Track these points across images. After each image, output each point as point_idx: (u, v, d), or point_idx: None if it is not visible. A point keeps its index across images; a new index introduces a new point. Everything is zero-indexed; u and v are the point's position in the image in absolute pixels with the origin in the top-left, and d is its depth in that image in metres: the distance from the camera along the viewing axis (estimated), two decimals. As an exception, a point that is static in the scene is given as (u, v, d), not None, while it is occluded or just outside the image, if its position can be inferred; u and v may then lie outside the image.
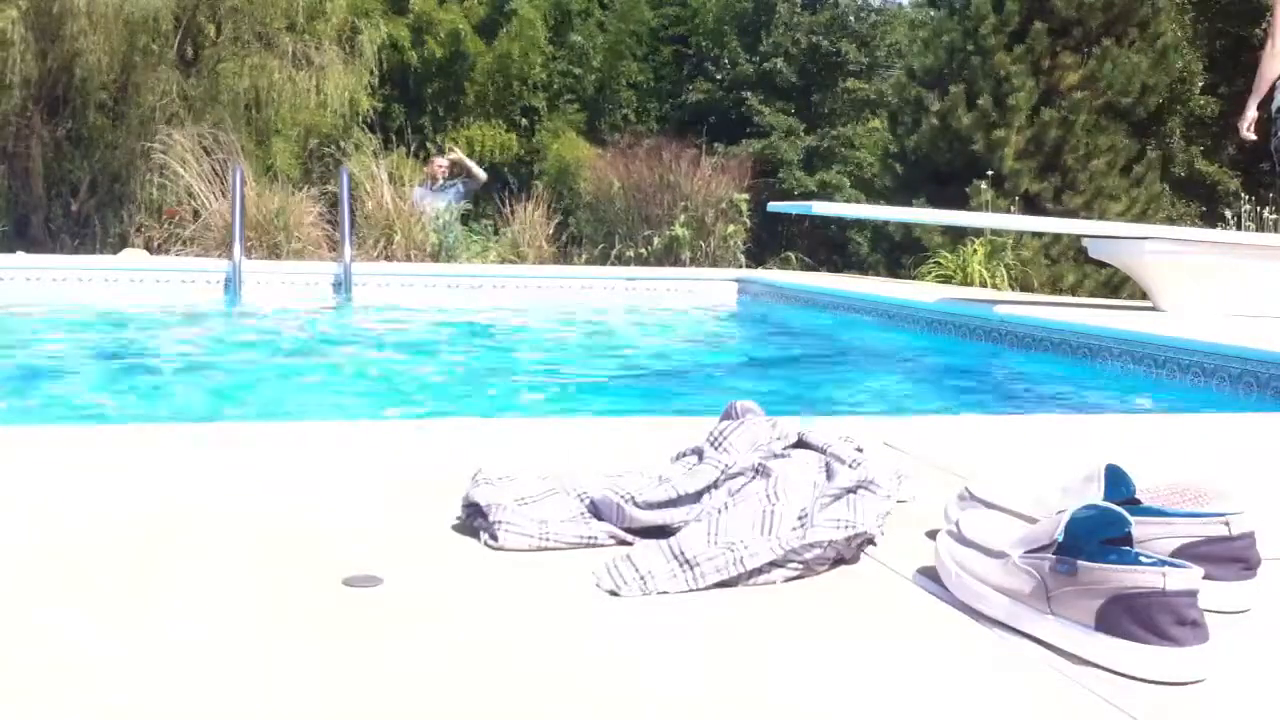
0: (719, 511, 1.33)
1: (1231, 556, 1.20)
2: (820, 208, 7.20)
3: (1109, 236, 5.81)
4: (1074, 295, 9.26)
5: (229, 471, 1.71)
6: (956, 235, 9.11)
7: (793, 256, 11.44)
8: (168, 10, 13.14)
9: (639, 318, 6.90)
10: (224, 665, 0.98)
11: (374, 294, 6.89)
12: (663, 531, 1.34)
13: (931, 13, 13.35)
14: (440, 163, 9.67)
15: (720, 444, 1.48)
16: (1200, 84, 15.13)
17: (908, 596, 1.24)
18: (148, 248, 9.14)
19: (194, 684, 0.94)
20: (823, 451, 1.47)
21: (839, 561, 1.31)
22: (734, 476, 1.40)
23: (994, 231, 8.41)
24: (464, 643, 1.05)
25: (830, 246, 15.98)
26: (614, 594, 1.19)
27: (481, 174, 9.90)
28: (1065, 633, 1.07)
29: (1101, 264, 8.16)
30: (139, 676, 0.95)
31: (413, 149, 10.71)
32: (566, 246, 9.96)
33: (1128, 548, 1.08)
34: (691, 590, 1.20)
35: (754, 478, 1.41)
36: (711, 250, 9.09)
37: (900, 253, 10.80)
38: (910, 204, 10.38)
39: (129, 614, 1.09)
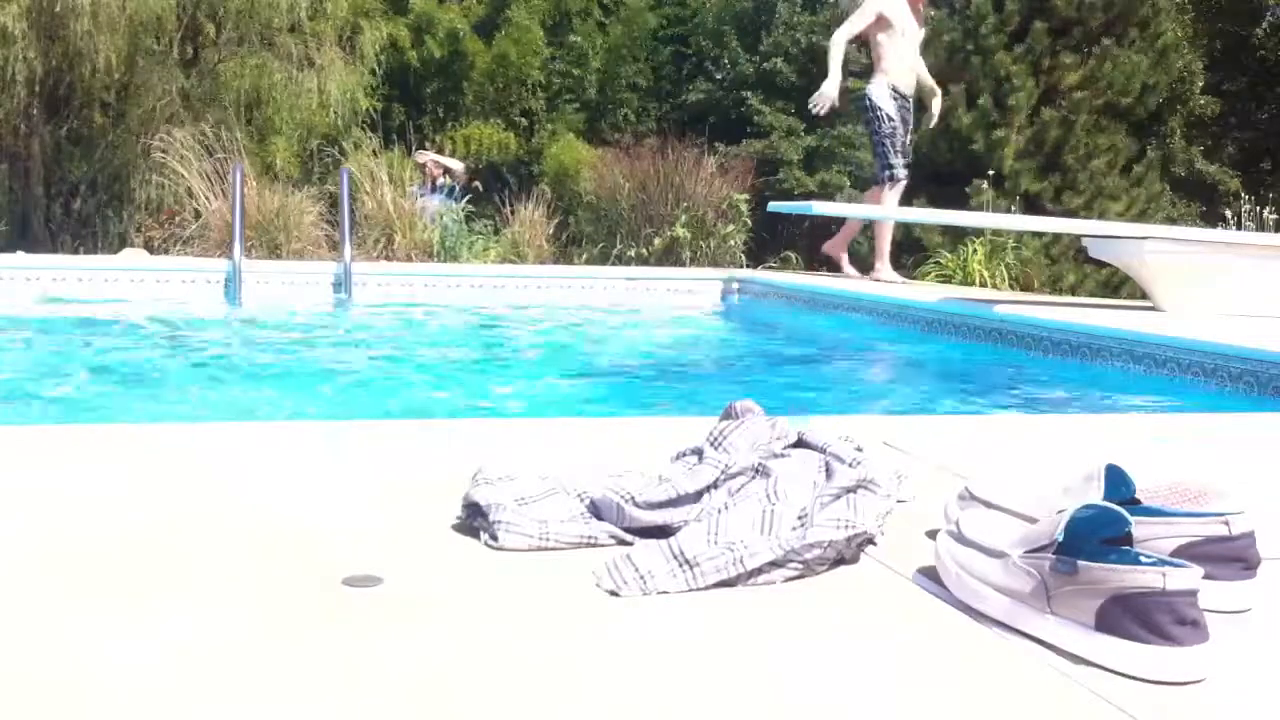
0: (719, 511, 1.33)
1: (1231, 556, 1.20)
2: (820, 208, 7.19)
3: (1109, 236, 5.80)
4: (1074, 295, 9.26)
5: (228, 471, 1.71)
6: (956, 235, 9.12)
7: (793, 256, 11.43)
8: (171, 10, 13.13)
9: (639, 317, 6.90)
10: (223, 665, 0.98)
11: (374, 293, 6.90)
12: (663, 531, 1.34)
13: (932, 12, 13.34)
14: (432, 158, 9.70)
15: (720, 444, 1.48)
16: (1200, 84, 15.13)
17: (908, 596, 1.24)
18: (148, 248, 9.14)
19: (194, 684, 0.94)
20: (822, 451, 1.47)
21: (839, 561, 1.31)
22: (734, 476, 1.40)
23: (994, 231, 8.41)
24: (464, 643, 1.05)
25: (830, 246, 15.93)
26: (614, 594, 1.19)
27: (457, 165, 9.93)
28: (1065, 632, 1.07)
29: (1101, 264, 8.14)
30: (138, 677, 0.95)
31: (413, 149, 10.73)
32: (566, 246, 9.96)
33: (1128, 547, 1.08)
34: (691, 590, 1.20)
35: (754, 477, 1.41)
36: (712, 250, 9.09)
37: (900, 253, 10.78)
38: (910, 204, 10.37)
39: (129, 615, 1.09)
